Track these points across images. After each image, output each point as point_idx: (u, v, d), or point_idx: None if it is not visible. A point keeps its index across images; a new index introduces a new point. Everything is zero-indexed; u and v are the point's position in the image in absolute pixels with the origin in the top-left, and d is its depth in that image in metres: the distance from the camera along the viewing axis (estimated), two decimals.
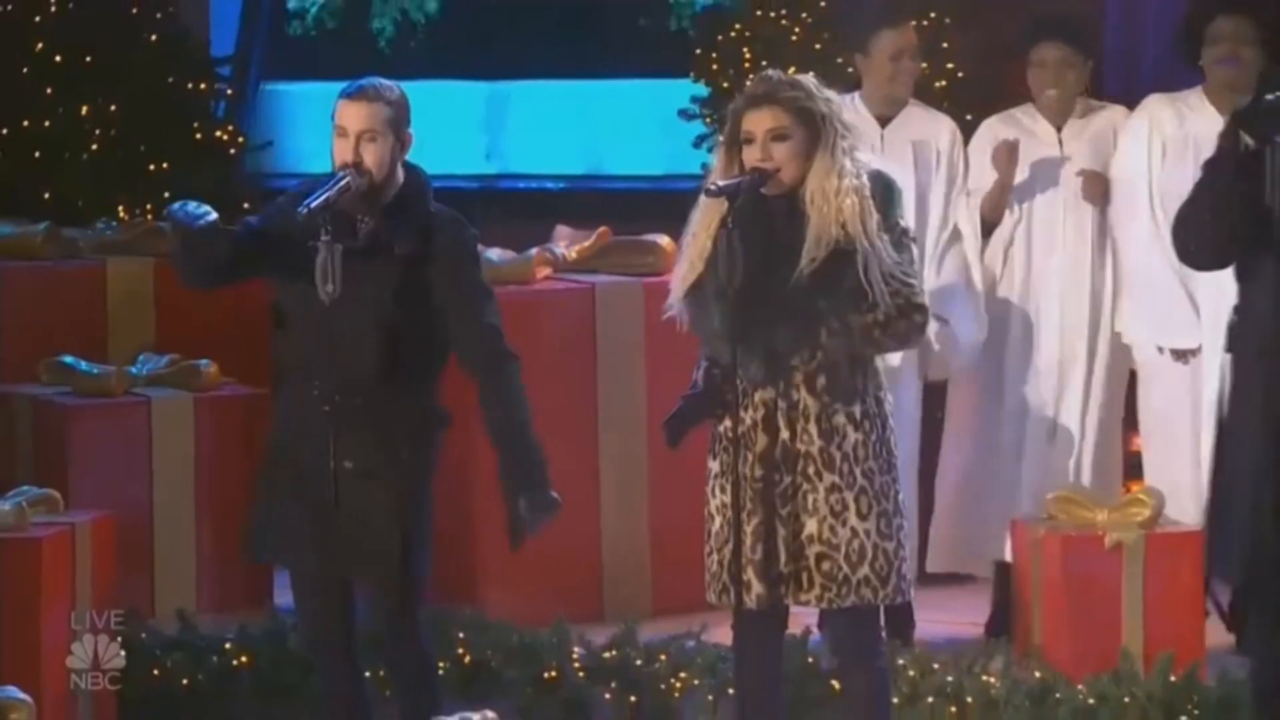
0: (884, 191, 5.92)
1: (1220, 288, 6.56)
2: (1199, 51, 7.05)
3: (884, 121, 7.33)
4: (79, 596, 6.97)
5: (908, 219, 6.02)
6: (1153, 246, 7.06)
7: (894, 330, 5.85)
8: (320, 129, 6.45)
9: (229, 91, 9.99)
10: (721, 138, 6.07)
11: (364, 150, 6.15)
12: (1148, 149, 7.17)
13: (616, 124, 10.64)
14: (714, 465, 6.00)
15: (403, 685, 6.29)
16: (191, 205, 6.08)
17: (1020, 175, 7.33)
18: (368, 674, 6.50)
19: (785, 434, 5.90)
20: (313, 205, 6.04)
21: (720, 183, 5.94)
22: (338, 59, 6.46)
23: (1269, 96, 5.45)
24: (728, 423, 5.90)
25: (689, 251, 5.99)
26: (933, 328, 7.37)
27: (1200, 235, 5.64)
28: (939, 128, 7.40)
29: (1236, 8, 7.01)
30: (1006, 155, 7.25)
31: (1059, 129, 7.38)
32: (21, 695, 6.13)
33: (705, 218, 5.97)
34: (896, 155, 6.91)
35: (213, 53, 10.19)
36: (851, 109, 6.78)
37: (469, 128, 10.85)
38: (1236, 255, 5.65)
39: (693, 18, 10.24)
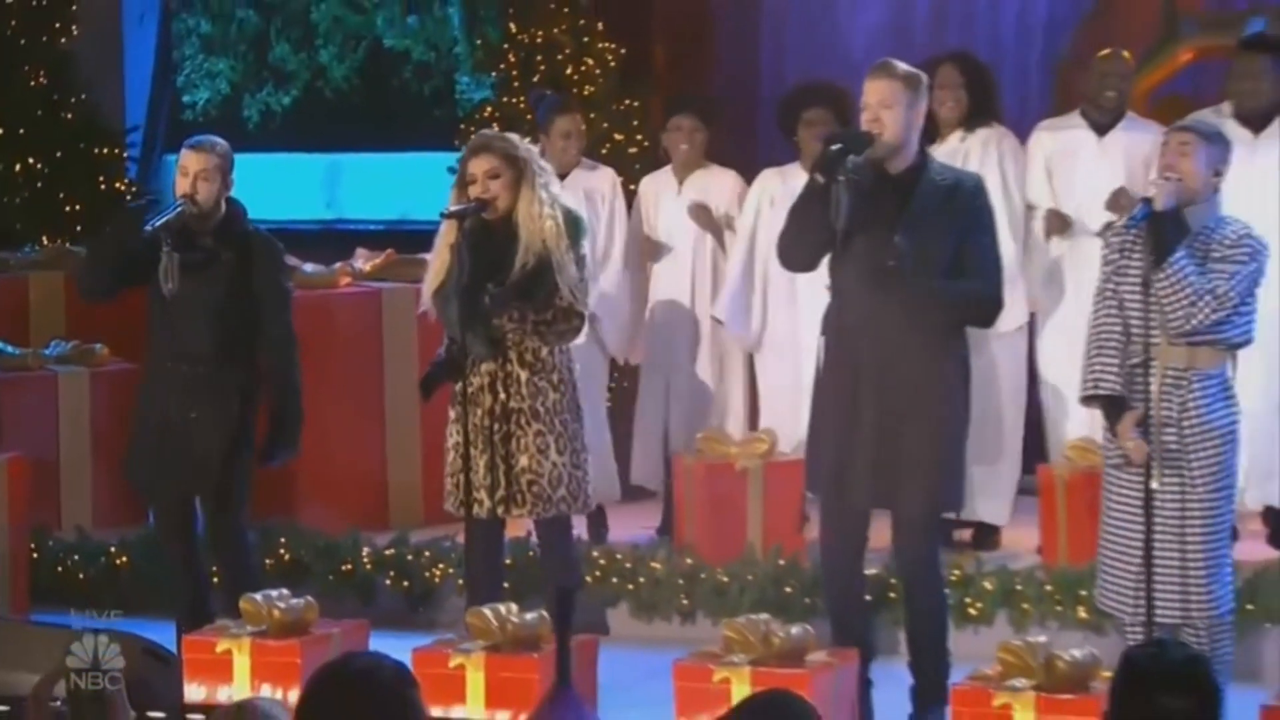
0: (573, 224, 5.85)
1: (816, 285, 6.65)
2: (795, 129, 7.06)
3: (562, 177, 7.23)
4: None
5: (587, 248, 5.93)
6: (748, 271, 7.10)
7: (556, 329, 5.79)
8: None
9: (127, 157, 9.79)
10: (456, 180, 5.95)
11: (198, 186, 6.00)
12: (756, 205, 7.18)
13: (418, 183, 10.50)
14: (451, 414, 5.94)
15: (225, 568, 6.16)
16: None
17: (652, 214, 7.33)
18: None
19: (503, 395, 5.84)
20: (156, 224, 5.88)
21: (452, 208, 5.84)
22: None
23: (832, 147, 5.42)
24: (462, 385, 5.78)
25: (434, 263, 5.92)
26: (604, 325, 7.31)
27: (792, 247, 5.58)
28: (602, 178, 7.32)
29: (819, 102, 6.99)
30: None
31: (681, 181, 7.34)
32: None
33: (444, 237, 5.88)
34: (574, 202, 6.81)
35: (127, 123, 9.96)
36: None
37: (314, 186, 10.67)
38: (818, 263, 5.60)
39: (471, 107, 10.12)
